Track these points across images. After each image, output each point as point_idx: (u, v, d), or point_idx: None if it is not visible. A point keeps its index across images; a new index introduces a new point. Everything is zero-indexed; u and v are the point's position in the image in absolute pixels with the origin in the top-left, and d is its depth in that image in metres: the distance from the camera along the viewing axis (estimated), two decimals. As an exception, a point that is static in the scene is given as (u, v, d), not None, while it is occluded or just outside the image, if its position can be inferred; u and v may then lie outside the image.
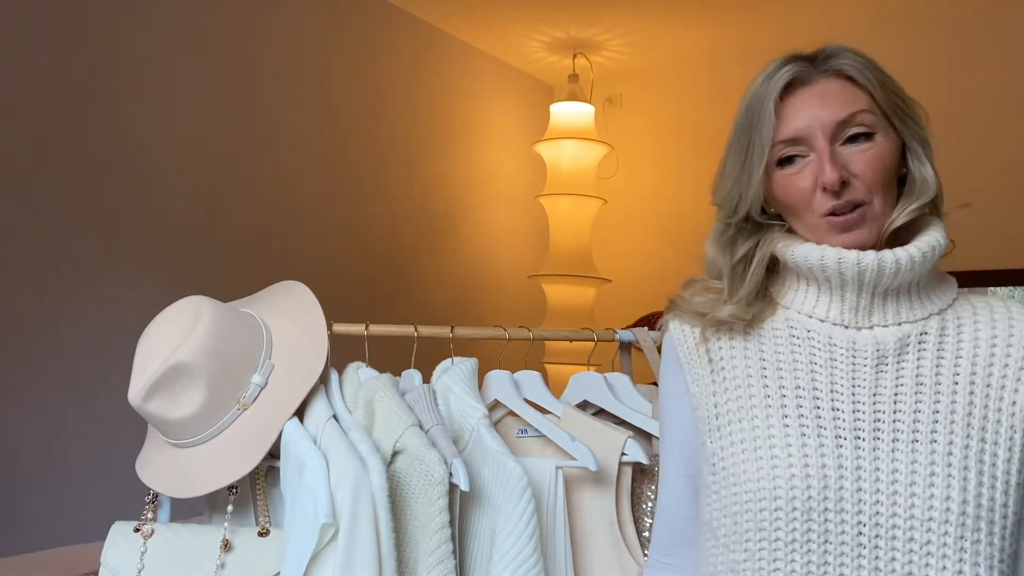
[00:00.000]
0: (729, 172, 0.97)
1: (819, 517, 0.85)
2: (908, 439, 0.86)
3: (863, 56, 0.93)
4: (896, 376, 0.89)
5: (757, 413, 0.92)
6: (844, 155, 0.90)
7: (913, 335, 0.91)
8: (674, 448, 1.02)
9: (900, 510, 0.84)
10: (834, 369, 0.91)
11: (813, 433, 0.88)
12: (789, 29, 3.36)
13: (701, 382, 0.98)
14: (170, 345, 1.27)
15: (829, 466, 0.86)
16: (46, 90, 2.17)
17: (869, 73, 0.91)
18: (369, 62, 3.14)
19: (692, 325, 1.01)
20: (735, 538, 0.90)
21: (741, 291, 0.97)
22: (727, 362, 0.97)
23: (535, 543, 1.21)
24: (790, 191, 0.93)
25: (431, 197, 3.41)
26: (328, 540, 1.15)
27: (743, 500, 0.89)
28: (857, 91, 0.91)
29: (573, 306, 3.40)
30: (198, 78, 2.54)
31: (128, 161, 2.34)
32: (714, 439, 0.94)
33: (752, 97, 0.94)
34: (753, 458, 0.89)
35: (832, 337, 0.92)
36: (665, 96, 3.84)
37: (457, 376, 1.40)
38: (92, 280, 2.24)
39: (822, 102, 0.91)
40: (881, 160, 0.90)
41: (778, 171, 0.93)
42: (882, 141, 0.91)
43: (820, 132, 0.90)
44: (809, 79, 0.92)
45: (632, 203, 3.85)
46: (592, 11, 3.27)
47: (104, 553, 1.27)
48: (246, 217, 2.66)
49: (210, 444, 1.30)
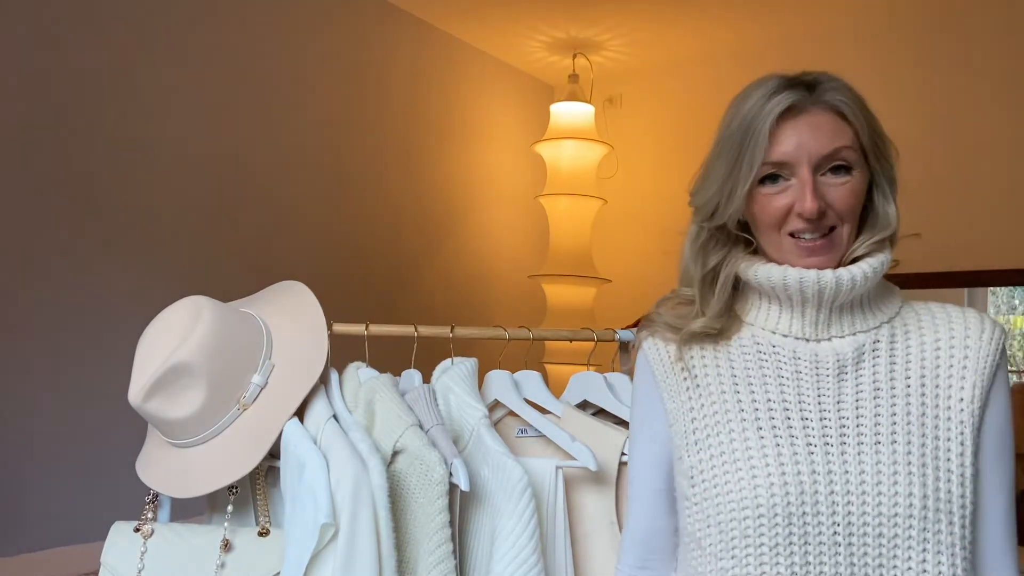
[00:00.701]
0: (712, 179, 1.01)
1: (799, 521, 0.91)
2: (871, 441, 0.93)
3: (854, 92, 0.99)
4: (856, 383, 0.97)
5: (734, 427, 0.97)
6: (823, 185, 0.96)
7: (868, 343, 0.98)
8: (648, 464, 1.07)
9: (869, 508, 0.90)
10: (800, 381, 0.98)
11: (787, 443, 0.94)
12: (789, 29, 3.36)
13: (678, 398, 1.03)
14: (170, 345, 1.27)
15: (804, 472, 0.92)
16: (46, 90, 2.17)
17: (858, 111, 0.97)
18: (369, 62, 3.14)
19: (667, 342, 1.06)
20: (722, 546, 0.95)
21: (711, 308, 1.03)
22: (703, 378, 1.02)
23: (535, 543, 1.21)
24: (767, 209, 0.98)
25: (431, 197, 3.41)
26: (328, 540, 1.15)
27: (727, 510, 0.94)
28: (845, 127, 0.97)
29: (573, 306, 3.40)
30: (198, 78, 2.54)
31: (128, 160, 2.34)
32: (692, 452, 0.99)
33: (747, 113, 0.98)
34: (733, 470, 0.95)
35: (796, 351, 0.99)
36: (665, 96, 3.84)
37: (457, 376, 1.40)
38: (92, 280, 2.24)
39: (812, 133, 0.96)
40: (854, 194, 0.97)
41: (759, 188, 0.98)
42: (858, 176, 0.97)
43: (806, 161, 0.95)
44: (803, 108, 0.97)
45: (632, 203, 3.85)
46: (592, 11, 3.27)
47: (104, 553, 1.27)
48: (246, 217, 2.66)
49: (210, 444, 1.30)
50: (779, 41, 3.43)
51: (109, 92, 2.31)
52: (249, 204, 2.68)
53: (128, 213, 2.34)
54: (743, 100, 1.00)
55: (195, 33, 2.54)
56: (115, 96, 2.32)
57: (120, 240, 2.31)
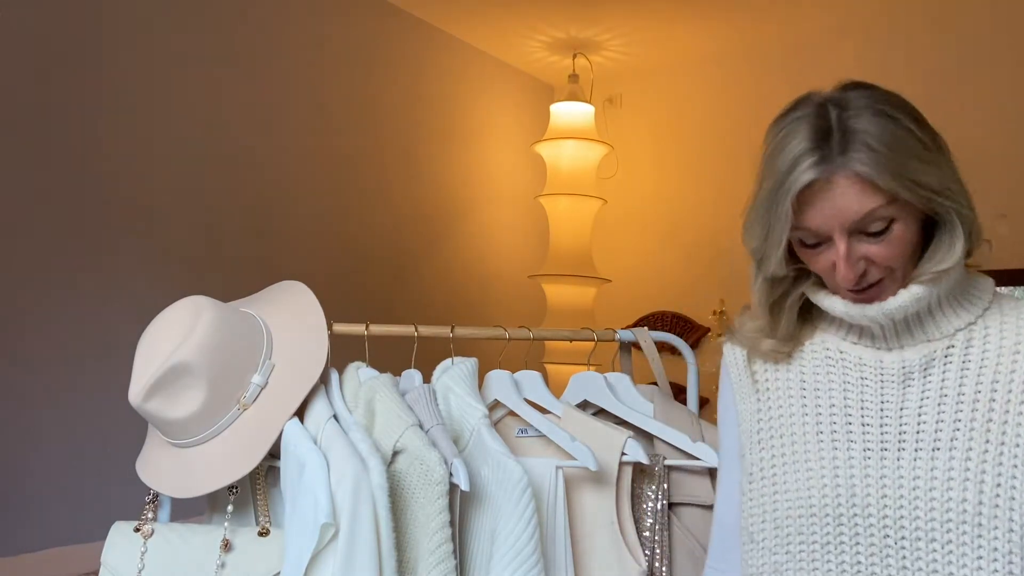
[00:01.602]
0: (755, 227, 0.98)
1: (849, 522, 0.95)
2: (929, 448, 0.94)
3: (888, 134, 0.90)
4: (922, 390, 0.97)
5: (795, 430, 1.02)
6: (862, 246, 0.93)
7: (940, 351, 0.98)
8: (729, 462, 1.12)
9: (921, 513, 0.92)
10: (864, 387, 1.00)
11: (844, 447, 0.98)
12: (789, 29, 3.36)
13: (747, 400, 1.09)
14: (170, 345, 1.27)
15: (857, 475, 0.96)
16: (46, 91, 2.17)
17: (890, 166, 0.89)
18: (369, 62, 3.14)
19: (742, 348, 1.11)
20: (776, 542, 0.99)
21: (779, 330, 1.05)
22: (770, 383, 1.07)
23: (535, 543, 1.21)
24: (811, 263, 0.98)
25: (431, 197, 3.41)
26: (328, 540, 1.15)
27: (783, 507, 0.99)
28: (874, 191, 0.90)
29: (573, 306, 3.40)
30: (198, 78, 2.54)
31: (128, 161, 2.34)
32: (754, 451, 1.05)
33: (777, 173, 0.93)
34: (791, 470, 1.00)
35: (862, 357, 1.01)
36: (665, 96, 3.84)
37: (457, 376, 1.40)
38: (92, 280, 2.24)
39: (837, 207, 0.91)
40: (900, 243, 0.93)
41: (801, 247, 0.98)
42: (900, 226, 0.93)
43: (838, 230, 0.93)
44: (828, 178, 0.91)
45: (632, 203, 3.85)
46: (592, 11, 3.27)
47: (104, 553, 1.27)
48: (246, 217, 2.66)
49: (210, 444, 1.30)
50: (779, 41, 3.43)
51: (109, 93, 2.31)
52: (249, 204, 2.68)
53: (128, 213, 2.34)
54: (777, 144, 0.95)
55: (196, 33, 2.54)
56: (115, 97, 2.32)
57: (120, 240, 2.31)
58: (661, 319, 3.65)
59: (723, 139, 3.54)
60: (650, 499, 1.38)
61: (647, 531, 1.36)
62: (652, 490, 1.39)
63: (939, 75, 3.04)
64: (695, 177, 3.70)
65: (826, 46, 3.30)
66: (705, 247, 3.59)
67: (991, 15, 3.03)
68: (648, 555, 1.34)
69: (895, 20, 3.19)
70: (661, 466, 1.39)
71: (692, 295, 3.58)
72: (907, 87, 0.97)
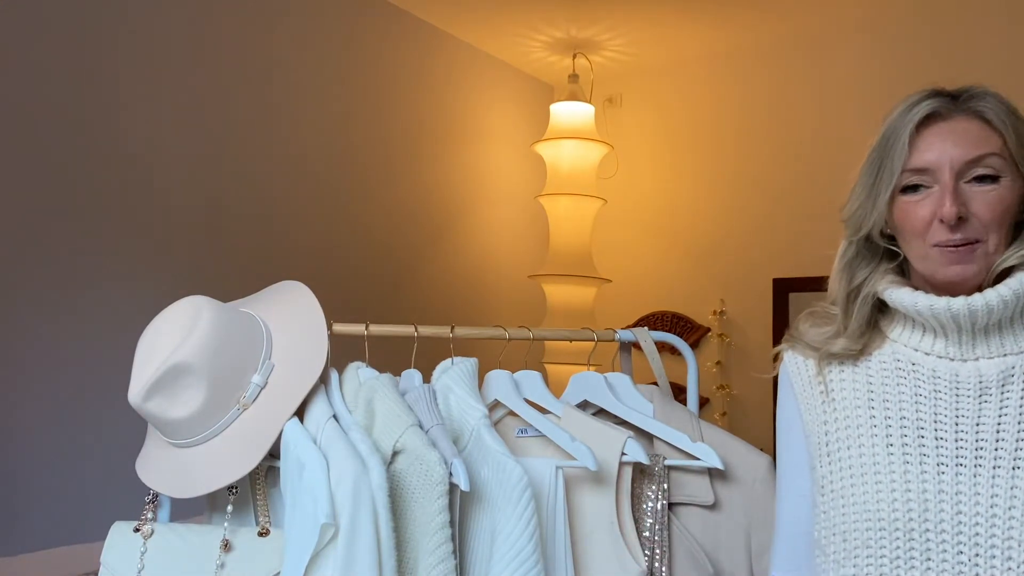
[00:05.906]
0: (859, 192, 1.02)
1: (920, 537, 0.93)
2: (1009, 466, 0.92)
3: (1005, 101, 0.97)
4: (1000, 406, 0.95)
5: (864, 442, 1.00)
6: (966, 193, 0.95)
7: (1018, 366, 0.96)
8: (793, 471, 1.11)
9: (998, 531, 0.90)
10: (938, 401, 0.97)
11: (916, 460, 0.96)
12: (789, 29, 3.36)
13: (813, 411, 1.07)
14: (170, 345, 1.27)
15: (930, 491, 0.94)
16: (47, 90, 2.17)
17: (1006, 118, 0.95)
18: (369, 62, 3.14)
19: (807, 357, 1.09)
20: (844, 555, 0.98)
21: (851, 325, 1.04)
22: (839, 393, 1.05)
23: (535, 543, 1.20)
24: (909, 217, 0.98)
25: (431, 197, 3.41)
26: (328, 540, 1.15)
27: (851, 520, 0.98)
28: (991, 134, 0.94)
29: (573, 306, 3.40)
30: (200, 78, 2.54)
31: (129, 161, 2.34)
32: (824, 463, 1.03)
33: (890, 124, 0.98)
34: (860, 483, 0.98)
35: (936, 370, 0.99)
36: (665, 96, 3.84)
37: (457, 376, 1.40)
38: (92, 280, 2.24)
39: (955, 139, 0.94)
40: (1002, 203, 0.95)
41: (902, 197, 0.98)
42: (1007, 184, 0.95)
43: (948, 167, 0.94)
44: (947, 115, 0.96)
45: (632, 203, 3.85)
46: (592, 11, 3.27)
47: (104, 553, 1.27)
48: (246, 217, 2.66)
49: (210, 444, 1.30)
50: (779, 41, 3.43)
51: (111, 92, 2.31)
52: (249, 204, 2.68)
53: (128, 213, 2.34)
54: (890, 113, 1.00)
55: (196, 35, 2.54)
56: (117, 96, 2.32)
57: (120, 240, 2.31)
58: (661, 319, 3.66)
59: (723, 139, 3.55)
60: (650, 499, 1.38)
61: (647, 531, 1.36)
62: (652, 490, 1.39)
63: (937, 74, 3.03)
64: (695, 177, 3.70)
65: (826, 45, 3.30)
66: (705, 247, 3.59)
67: (991, 15, 3.02)
68: (648, 555, 1.34)
69: (895, 21, 3.19)
70: (661, 466, 1.38)
71: (692, 295, 3.58)
72: (907, 87, 0.98)
